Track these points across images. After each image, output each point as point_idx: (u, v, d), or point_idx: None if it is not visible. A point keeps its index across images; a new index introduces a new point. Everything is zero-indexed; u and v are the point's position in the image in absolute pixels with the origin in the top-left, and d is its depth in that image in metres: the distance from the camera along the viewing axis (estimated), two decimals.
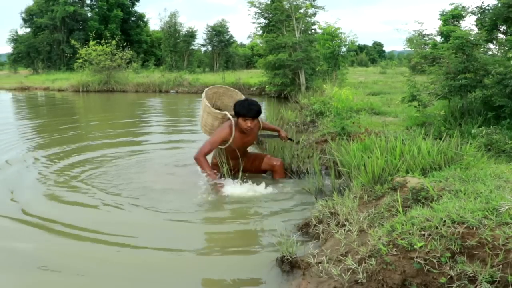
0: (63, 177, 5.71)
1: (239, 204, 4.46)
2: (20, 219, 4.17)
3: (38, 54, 42.55)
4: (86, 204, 4.58)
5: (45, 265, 3.22)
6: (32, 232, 3.84)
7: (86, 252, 3.43)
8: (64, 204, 4.63)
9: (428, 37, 10.54)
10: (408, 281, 2.30)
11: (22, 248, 3.51)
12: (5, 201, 4.74)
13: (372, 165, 3.97)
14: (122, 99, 19.67)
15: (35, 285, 3.04)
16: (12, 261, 3.30)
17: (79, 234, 3.73)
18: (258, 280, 2.91)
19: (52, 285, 3.01)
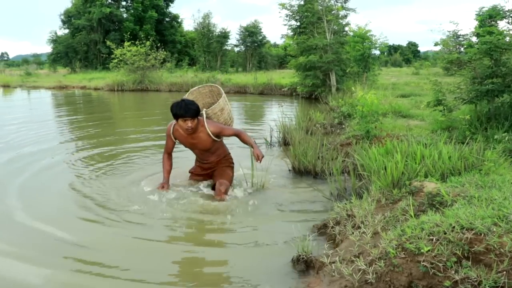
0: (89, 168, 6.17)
1: (261, 203, 4.60)
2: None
3: (75, 54, 43.74)
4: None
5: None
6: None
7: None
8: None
9: (463, 38, 10.40)
10: (414, 283, 2.39)
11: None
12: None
13: (391, 169, 4.04)
14: (155, 98, 20.08)
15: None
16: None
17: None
18: (274, 277, 3.03)
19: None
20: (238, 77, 24.31)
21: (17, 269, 3.26)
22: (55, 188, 5.33)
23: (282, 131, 7.68)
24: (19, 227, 4.07)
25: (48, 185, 5.52)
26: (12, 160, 6.90)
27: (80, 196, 4.96)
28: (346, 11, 16.39)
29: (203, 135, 4.71)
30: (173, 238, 3.80)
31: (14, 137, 9.10)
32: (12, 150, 7.67)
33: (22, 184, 5.49)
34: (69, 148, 8.02)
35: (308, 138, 6.45)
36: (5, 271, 3.24)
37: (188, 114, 4.45)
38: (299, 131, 7.24)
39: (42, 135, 9.44)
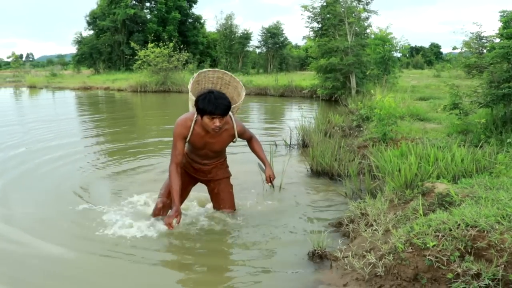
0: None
1: (279, 202, 4.82)
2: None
3: (100, 55, 44.45)
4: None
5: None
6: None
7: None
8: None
9: (486, 40, 10.39)
10: (420, 276, 2.59)
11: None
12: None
13: (405, 170, 4.23)
14: (177, 99, 20.43)
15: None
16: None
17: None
18: (290, 269, 3.25)
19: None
20: (259, 79, 24.50)
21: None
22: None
23: (302, 133, 7.88)
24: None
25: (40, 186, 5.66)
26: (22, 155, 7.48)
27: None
28: (368, 13, 16.50)
29: (226, 135, 3.94)
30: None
31: (35, 134, 9.61)
32: (27, 145, 8.35)
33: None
34: (87, 143, 8.61)
35: (326, 140, 6.66)
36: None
37: (218, 110, 3.56)
38: (318, 133, 7.46)
39: (61, 131, 10.18)
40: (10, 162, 6.94)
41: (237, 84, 4.57)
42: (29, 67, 57.04)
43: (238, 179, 5.73)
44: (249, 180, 5.59)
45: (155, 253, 3.54)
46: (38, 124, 11.25)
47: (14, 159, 7.12)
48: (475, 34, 7.14)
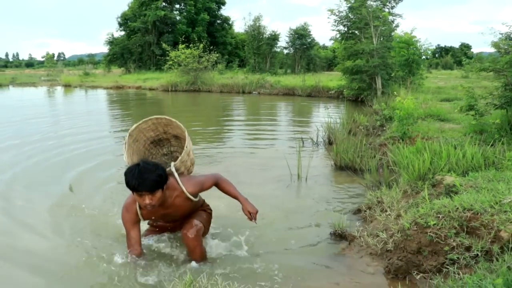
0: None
1: (305, 191, 5.38)
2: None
3: (130, 55, 45.64)
4: None
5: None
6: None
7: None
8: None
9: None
10: (422, 249, 3.11)
11: None
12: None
13: (419, 164, 4.73)
14: (207, 98, 21.14)
15: None
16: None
17: None
18: (315, 245, 3.80)
19: None
20: (287, 79, 24.98)
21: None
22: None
23: (327, 132, 8.40)
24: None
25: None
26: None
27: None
28: (393, 17, 16.87)
29: (179, 201, 3.34)
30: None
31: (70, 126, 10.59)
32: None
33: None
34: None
35: (350, 138, 7.18)
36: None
37: (143, 188, 2.98)
38: (342, 131, 7.98)
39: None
40: (32, 150, 7.92)
41: (177, 124, 3.88)
42: (61, 66, 58.75)
43: (266, 171, 6.36)
44: (277, 172, 6.15)
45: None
46: (75, 118, 12.25)
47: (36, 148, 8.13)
48: (505, 34, 7.31)
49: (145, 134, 3.92)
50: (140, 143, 3.90)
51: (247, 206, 3.48)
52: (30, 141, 8.89)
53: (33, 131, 10.35)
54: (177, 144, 4.16)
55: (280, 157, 6.99)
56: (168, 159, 4.16)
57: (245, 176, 6.14)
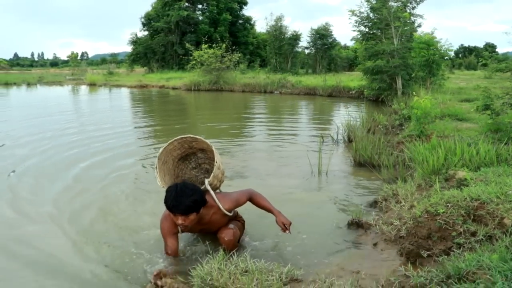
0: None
1: (325, 185, 5.69)
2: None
3: (154, 54, 46.34)
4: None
5: None
6: None
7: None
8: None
9: None
10: (432, 234, 3.39)
11: None
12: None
13: (433, 160, 5.00)
14: (228, 98, 21.54)
15: None
16: None
17: None
18: (334, 232, 4.11)
19: None
20: (308, 79, 25.20)
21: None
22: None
23: (347, 130, 8.68)
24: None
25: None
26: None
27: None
28: (414, 18, 17.00)
29: (216, 217, 3.53)
30: None
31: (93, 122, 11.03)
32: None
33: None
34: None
35: (369, 136, 7.45)
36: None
37: (176, 210, 3.18)
38: (362, 130, 8.27)
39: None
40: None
41: (202, 140, 3.98)
42: (85, 66, 59.81)
43: (287, 166, 6.69)
44: (297, 167, 6.47)
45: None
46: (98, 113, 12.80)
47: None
48: None
49: (172, 154, 4.04)
50: (169, 163, 4.01)
51: (281, 218, 3.59)
52: (50, 136, 9.56)
53: (57, 126, 11.01)
54: (203, 156, 4.27)
55: (301, 154, 7.33)
56: (198, 171, 4.31)
57: (267, 171, 6.51)
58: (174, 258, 3.46)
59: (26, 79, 37.96)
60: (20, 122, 11.85)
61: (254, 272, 2.70)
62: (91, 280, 3.24)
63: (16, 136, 9.59)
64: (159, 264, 3.39)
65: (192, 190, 3.21)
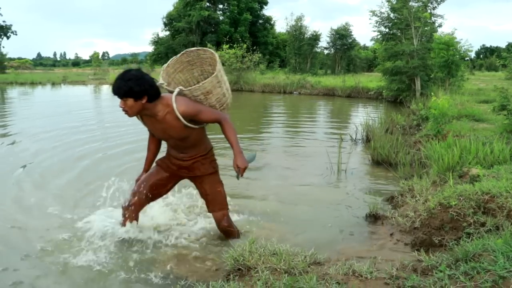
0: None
1: (345, 181, 5.97)
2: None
3: (175, 54, 46.60)
4: None
5: None
6: None
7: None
8: None
9: None
10: (444, 225, 3.66)
11: None
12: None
13: (448, 158, 5.25)
14: (249, 98, 21.88)
15: None
16: None
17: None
18: (352, 224, 4.40)
19: None
20: (327, 80, 25.43)
21: None
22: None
23: (365, 130, 8.94)
24: None
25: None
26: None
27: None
28: (434, 18, 17.13)
29: (170, 118, 3.37)
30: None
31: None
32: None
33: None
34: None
35: (387, 136, 7.70)
36: None
37: (113, 91, 3.22)
38: (380, 130, 8.52)
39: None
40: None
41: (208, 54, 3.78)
42: (107, 66, 60.72)
43: (307, 162, 6.99)
44: (317, 165, 6.77)
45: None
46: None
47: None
48: None
49: (202, 65, 3.86)
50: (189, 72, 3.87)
51: (237, 158, 3.42)
52: (65, 133, 10.03)
53: (76, 123, 11.54)
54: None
55: (320, 152, 7.63)
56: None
57: (287, 168, 6.84)
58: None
59: (50, 78, 38.77)
60: (39, 120, 12.41)
61: (282, 254, 3.01)
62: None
63: (32, 132, 10.05)
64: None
65: (134, 76, 3.17)
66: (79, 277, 3.27)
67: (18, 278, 3.26)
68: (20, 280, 3.23)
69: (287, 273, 2.77)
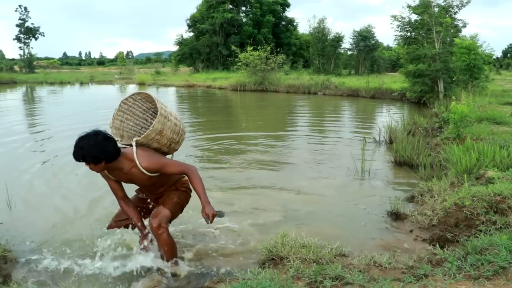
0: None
1: (368, 181, 6.33)
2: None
3: (199, 55, 47.69)
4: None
5: None
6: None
7: None
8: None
9: None
10: (459, 223, 4.01)
11: None
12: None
13: (466, 161, 5.56)
14: (273, 98, 22.29)
15: None
16: None
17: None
18: (375, 221, 4.77)
19: None
20: (351, 81, 25.65)
21: None
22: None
23: (389, 132, 9.26)
24: None
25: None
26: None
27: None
28: (456, 22, 17.27)
29: (136, 172, 3.47)
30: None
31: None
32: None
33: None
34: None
35: (409, 138, 8.01)
36: None
37: (74, 157, 3.27)
38: (403, 132, 8.83)
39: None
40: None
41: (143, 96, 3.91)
42: (132, 65, 61.80)
43: (331, 162, 7.36)
44: (341, 165, 7.13)
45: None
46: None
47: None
48: None
49: (140, 106, 3.97)
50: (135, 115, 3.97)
51: (206, 207, 3.35)
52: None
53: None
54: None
55: (344, 152, 8.03)
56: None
57: (312, 168, 7.27)
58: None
59: (79, 78, 39.89)
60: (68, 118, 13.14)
61: (310, 246, 3.40)
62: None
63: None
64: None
65: (87, 144, 3.22)
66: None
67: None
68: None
69: (315, 263, 3.17)
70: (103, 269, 3.57)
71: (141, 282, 3.43)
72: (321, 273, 2.90)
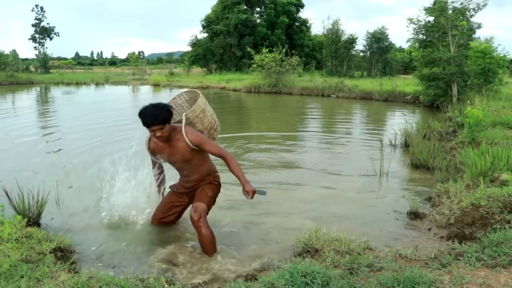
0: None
1: (386, 183, 6.69)
2: None
3: (212, 56, 48.17)
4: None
5: None
6: None
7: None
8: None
9: None
10: (475, 222, 4.37)
11: None
12: None
13: (481, 164, 5.91)
14: (287, 100, 22.66)
15: None
16: None
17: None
18: (395, 220, 5.13)
19: None
20: (364, 83, 25.86)
21: None
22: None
23: (404, 135, 9.60)
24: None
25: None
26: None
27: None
28: (472, 25, 17.48)
29: (180, 145, 4.08)
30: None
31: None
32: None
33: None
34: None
35: (425, 142, 8.37)
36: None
37: (157, 121, 3.85)
38: (418, 136, 9.18)
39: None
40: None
41: (191, 95, 4.81)
42: (145, 65, 62.38)
43: (348, 164, 7.72)
44: (359, 168, 7.51)
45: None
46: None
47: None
48: None
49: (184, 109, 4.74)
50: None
51: (246, 186, 3.83)
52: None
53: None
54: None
55: (361, 154, 8.41)
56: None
57: (331, 169, 7.63)
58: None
59: (94, 78, 40.44)
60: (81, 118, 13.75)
61: (342, 240, 3.79)
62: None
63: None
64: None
65: (164, 104, 3.99)
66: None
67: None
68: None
69: (348, 254, 3.55)
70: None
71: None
72: (356, 262, 3.28)
